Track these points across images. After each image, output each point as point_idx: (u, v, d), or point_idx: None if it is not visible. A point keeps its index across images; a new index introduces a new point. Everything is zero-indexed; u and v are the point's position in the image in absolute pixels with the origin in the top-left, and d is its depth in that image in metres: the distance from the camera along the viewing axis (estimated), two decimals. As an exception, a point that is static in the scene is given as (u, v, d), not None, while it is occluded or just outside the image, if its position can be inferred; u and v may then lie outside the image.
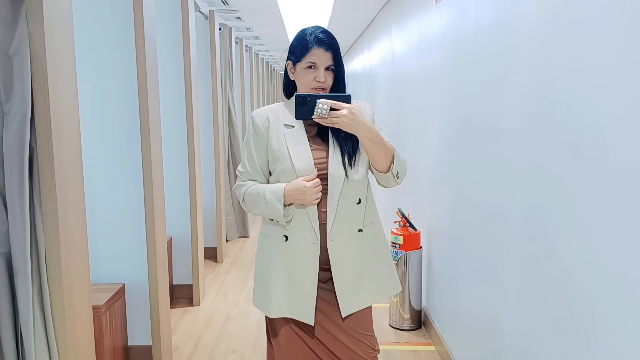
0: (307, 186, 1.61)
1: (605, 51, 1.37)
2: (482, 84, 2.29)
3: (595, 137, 1.42)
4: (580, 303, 1.49)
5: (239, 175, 1.77)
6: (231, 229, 5.47)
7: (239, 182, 1.77)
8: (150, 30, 2.60)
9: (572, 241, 1.54)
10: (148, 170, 2.58)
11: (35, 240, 1.46)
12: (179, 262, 3.83)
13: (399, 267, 3.20)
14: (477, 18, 2.34)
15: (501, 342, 2.08)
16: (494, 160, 2.16)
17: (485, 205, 2.26)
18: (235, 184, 1.79)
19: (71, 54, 1.62)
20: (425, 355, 2.97)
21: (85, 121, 2.03)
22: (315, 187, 1.62)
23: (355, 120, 1.54)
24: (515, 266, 1.94)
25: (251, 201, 1.71)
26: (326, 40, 1.65)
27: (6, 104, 1.40)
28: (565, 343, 1.57)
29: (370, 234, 1.74)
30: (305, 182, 1.61)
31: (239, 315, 3.55)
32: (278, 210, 1.63)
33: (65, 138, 1.56)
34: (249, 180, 1.74)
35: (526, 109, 1.84)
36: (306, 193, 1.61)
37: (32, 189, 1.45)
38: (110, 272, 2.71)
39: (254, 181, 1.73)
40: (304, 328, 1.71)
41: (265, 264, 1.74)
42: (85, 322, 1.70)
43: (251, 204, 1.71)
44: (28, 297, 1.43)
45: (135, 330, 2.79)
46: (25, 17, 1.41)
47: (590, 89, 1.44)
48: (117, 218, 2.69)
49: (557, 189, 1.62)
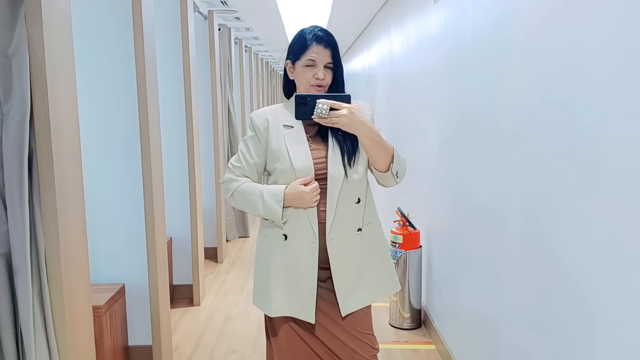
0: (306, 191, 1.61)
1: (602, 52, 1.38)
2: (480, 84, 2.29)
3: (592, 137, 1.42)
4: (578, 301, 1.50)
5: (231, 168, 1.75)
6: (231, 229, 5.47)
7: (231, 175, 1.74)
8: (150, 30, 2.60)
9: (570, 240, 1.54)
10: (148, 171, 2.59)
11: (35, 240, 1.47)
12: (179, 262, 3.83)
13: (398, 266, 3.21)
14: (475, 18, 2.34)
15: (501, 340, 2.08)
16: (492, 159, 2.16)
17: (483, 204, 2.27)
18: (226, 176, 1.76)
19: (70, 54, 1.63)
20: (425, 354, 2.97)
21: (85, 122, 2.03)
22: (314, 191, 1.63)
23: (354, 120, 1.55)
24: (514, 265, 1.95)
25: (243, 199, 1.70)
26: (325, 37, 1.66)
27: (5, 105, 1.40)
28: (564, 341, 1.58)
29: (369, 233, 1.74)
30: (304, 187, 1.62)
31: (239, 315, 3.55)
32: (277, 212, 1.64)
33: (65, 138, 1.56)
34: (243, 177, 1.73)
35: (524, 109, 1.84)
36: (305, 198, 1.62)
37: (31, 189, 1.45)
38: (110, 272, 2.71)
39: (248, 179, 1.73)
40: (303, 327, 1.71)
41: (264, 263, 1.74)
42: (85, 322, 1.70)
43: (242, 201, 1.71)
44: (28, 297, 1.43)
45: (135, 330, 2.79)
46: (24, 17, 1.41)
47: (587, 89, 1.45)
48: (116, 218, 2.69)
49: (554, 188, 1.63)
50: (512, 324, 1.97)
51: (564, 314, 1.57)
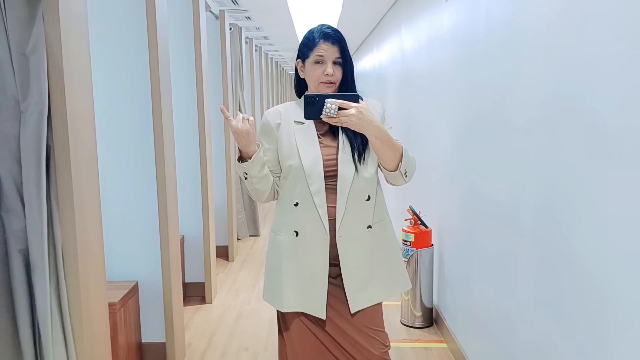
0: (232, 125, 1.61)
1: (618, 41, 1.37)
2: (494, 79, 2.28)
3: (609, 130, 1.41)
4: (595, 298, 1.48)
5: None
6: (242, 227, 5.49)
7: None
8: (163, 30, 2.62)
9: (587, 236, 1.53)
10: (161, 170, 2.61)
11: (52, 237, 1.48)
12: (191, 261, 3.86)
13: (410, 265, 3.20)
14: (488, 13, 2.34)
15: (514, 339, 2.07)
16: (505, 155, 2.15)
17: (497, 201, 2.26)
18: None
19: (86, 53, 1.65)
20: (437, 352, 2.97)
21: (99, 121, 2.04)
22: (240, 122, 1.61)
23: (363, 120, 1.55)
24: (528, 262, 1.94)
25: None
26: (332, 34, 1.67)
27: (23, 103, 1.42)
28: (580, 339, 1.57)
29: (379, 231, 1.75)
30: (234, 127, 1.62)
31: (250, 313, 3.57)
32: (240, 167, 1.67)
33: (81, 136, 1.58)
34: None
35: (538, 103, 1.83)
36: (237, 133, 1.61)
37: (49, 186, 1.47)
38: (124, 270, 2.74)
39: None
40: (315, 323, 1.72)
41: (276, 259, 1.76)
42: (101, 318, 1.72)
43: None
44: (45, 293, 1.45)
45: (149, 328, 2.81)
46: (42, 17, 1.43)
47: (603, 81, 1.44)
48: (130, 217, 2.71)
49: (571, 183, 1.62)
50: (526, 322, 1.96)
51: (580, 312, 1.56)
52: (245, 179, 1.71)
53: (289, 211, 1.71)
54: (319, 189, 1.66)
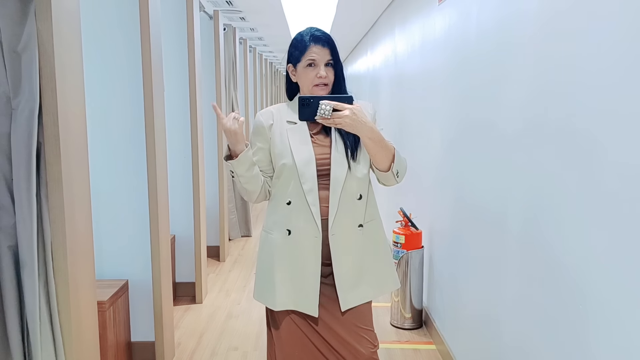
0: (224, 124, 1.65)
1: (604, 55, 1.39)
2: (484, 86, 2.30)
3: (592, 138, 1.43)
4: (578, 301, 1.51)
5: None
6: (234, 228, 5.49)
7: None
8: (156, 29, 2.62)
9: (570, 240, 1.55)
10: (152, 168, 2.61)
11: (41, 233, 1.49)
12: (181, 260, 3.85)
13: (400, 267, 3.22)
14: (479, 20, 2.36)
15: (501, 341, 2.09)
16: (494, 161, 2.18)
17: (485, 205, 2.28)
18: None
19: (78, 51, 1.65)
20: (426, 354, 2.98)
21: (91, 119, 2.05)
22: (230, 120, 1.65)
23: (357, 121, 1.58)
24: (514, 265, 1.96)
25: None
26: (322, 37, 1.70)
27: (14, 100, 1.42)
28: (564, 341, 1.59)
29: (370, 230, 1.77)
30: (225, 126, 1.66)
31: (240, 313, 3.57)
32: (226, 164, 1.71)
33: (72, 134, 1.58)
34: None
35: (526, 111, 1.86)
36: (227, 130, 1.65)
37: (39, 183, 1.48)
38: (114, 269, 2.73)
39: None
40: (305, 321, 1.74)
41: (268, 258, 1.77)
42: (90, 316, 1.72)
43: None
44: (34, 290, 1.45)
45: (138, 326, 2.81)
46: (34, 14, 1.43)
47: (589, 91, 1.46)
48: (121, 215, 2.71)
49: (554, 189, 1.64)
50: (512, 324, 1.99)
51: (565, 314, 1.58)
52: (232, 177, 1.73)
53: (282, 210, 1.73)
54: (312, 188, 1.68)
